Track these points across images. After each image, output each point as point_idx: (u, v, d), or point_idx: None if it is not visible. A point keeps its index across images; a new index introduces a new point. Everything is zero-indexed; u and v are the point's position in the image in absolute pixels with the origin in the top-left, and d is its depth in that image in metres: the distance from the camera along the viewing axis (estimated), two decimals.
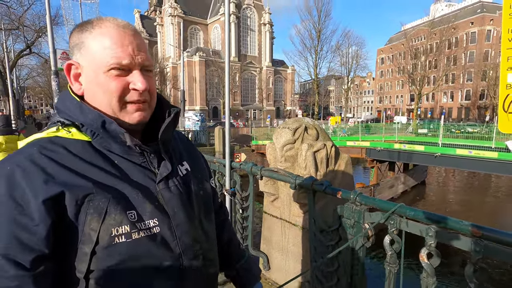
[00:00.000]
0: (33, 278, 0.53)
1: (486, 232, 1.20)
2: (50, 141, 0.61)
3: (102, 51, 0.62)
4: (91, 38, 0.63)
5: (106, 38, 0.63)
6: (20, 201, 0.54)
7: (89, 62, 0.64)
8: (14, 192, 0.54)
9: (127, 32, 0.64)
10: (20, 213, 0.54)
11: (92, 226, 0.57)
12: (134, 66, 0.64)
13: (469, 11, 52.66)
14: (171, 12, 57.28)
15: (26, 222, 0.54)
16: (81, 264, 0.58)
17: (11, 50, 22.00)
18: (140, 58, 0.65)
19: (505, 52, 1.13)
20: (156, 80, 27.91)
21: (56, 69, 8.95)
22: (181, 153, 0.80)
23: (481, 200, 17.21)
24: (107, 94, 0.63)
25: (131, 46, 0.64)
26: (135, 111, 0.66)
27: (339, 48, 51.50)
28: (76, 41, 0.65)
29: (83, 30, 0.64)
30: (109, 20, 0.65)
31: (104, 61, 0.62)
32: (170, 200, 0.68)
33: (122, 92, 0.64)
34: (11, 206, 0.53)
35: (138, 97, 0.65)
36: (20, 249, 0.53)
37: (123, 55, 0.63)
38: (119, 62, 0.62)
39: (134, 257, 0.60)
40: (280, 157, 2.43)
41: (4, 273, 0.52)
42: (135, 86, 0.64)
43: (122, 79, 0.64)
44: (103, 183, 0.60)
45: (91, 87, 0.65)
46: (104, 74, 0.63)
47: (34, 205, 0.54)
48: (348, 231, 1.72)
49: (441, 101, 56.36)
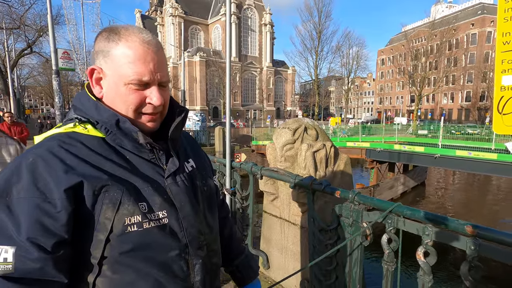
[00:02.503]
0: (54, 260, 0.57)
1: (481, 231, 1.22)
2: (68, 136, 0.65)
3: (125, 64, 0.66)
4: (116, 49, 0.67)
5: (130, 52, 0.66)
6: (43, 189, 0.58)
7: (112, 72, 0.67)
8: (38, 181, 0.58)
9: (151, 49, 0.68)
10: (44, 201, 0.57)
11: (107, 215, 0.61)
12: (152, 82, 0.69)
13: (470, 13, 52.66)
14: (172, 12, 57.32)
15: (49, 209, 0.57)
16: (95, 250, 0.62)
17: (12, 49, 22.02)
18: (159, 75, 0.69)
19: (499, 55, 1.16)
20: None
21: (57, 68, 8.97)
22: (187, 151, 0.84)
23: (480, 201, 17.22)
24: (125, 105, 0.68)
25: (152, 63, 0.67)
26: (148, 121, 0.71)
27: (340, 49, 51.61)
28: (102, 48, 0.68)
29: (110, 39, 0.67)
30: (135, 34, 0.68)
31: (126, 75, 0.66)
32: (178, 194, 0.72)
33: (139, 105, 0.69)
34: (35, 194, 0.57)
35: (153, 110, 0.70)
36: (43, 233, 0.57)
37: (144, 71, 0.66)
38: (140, 78, 0.66)
39: (145, 245, 0.64)
40: (280, 157, 2.45)
41: (29, 254, 0.55)
42: (151, 101, 0.69)
43: (140, 93, 0.68)
44: (117, 176, 0.64)
45: (112, 94, 0.69)
46: (125, 86, 0.67)
47: (57, 194, 0.58)
48: (346, 230, 1.74)
49: (441, 102, 56.33)
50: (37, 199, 0.57)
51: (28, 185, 0.57)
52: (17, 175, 0.58)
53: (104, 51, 0.68)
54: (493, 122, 1.12)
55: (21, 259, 0.55)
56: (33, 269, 0.55)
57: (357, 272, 1.74)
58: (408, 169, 18.48)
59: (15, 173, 0.58)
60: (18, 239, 0.55)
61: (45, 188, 0.58)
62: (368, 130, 22.02)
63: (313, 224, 2.01)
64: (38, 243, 0.56)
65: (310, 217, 2.03)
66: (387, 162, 17.24)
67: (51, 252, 0.57)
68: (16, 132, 6.08)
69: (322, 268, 1.99)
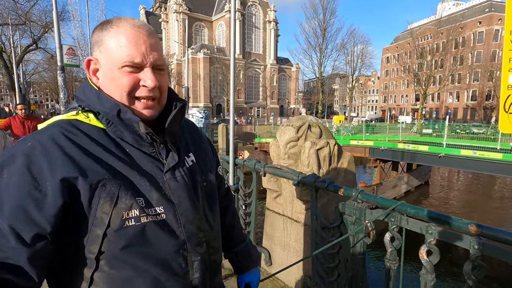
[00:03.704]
0: (29, 254, 0.55)
1: (485, 230, 1.21)
2: (70, 123, 0.65)
3: (117, 49, 0.66)
4: (108, 37, 0.67)
5: (122, 37, 0.67)
6: (36, 176, 0.56)
7: (106, 59, 0.68)
8: (31, 167, 0.56)
9: (142, 32, 0.68)
10: (34, 188, 0.56)
11: (104, 209, 0.61)
12: (145, 65, 0.68)
13: (477, 10, 51.91)
14: (176, 8, 57.24)
15: (38, 197, 0.55)
16: (92, 245, 0.61)
17: (18, 45, 22.16)
18: (152, 57, 0.68)
19: (507, 53, 1.15)
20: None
21: (62, 64, 8.99)
22: (188, 145, 0.83)
23: (485, 201, 17.09)
24: (119, 88, 0.68)
25: (144, 45, 0.67)
26: (144, 108, 0.70)
27: (344, 47, 51.31)
28: (97, 39, 0.69)
29: (103, 29, 0.69)
30: (126, 20, 0.69)
31: (118, 58, 0.66)
32: (176, 190, 0.71)
33: (132, 87, 0.68)
34: (26, 179, 0.56)
35: (147, 93, 0.69)
36: (26, 222, 0.55)
37: (136, 53, 0.66)
38: (132, 60, 0.66)
39: (143, 240, 0.64)
40: (284, 154, 2.45)
41: (6, 242, 0.54)
42: (145, 83, 0.68)
43: (134, 76, 0.67)
44: (115, 170, 0.64)
45: (106, 81, 0.69)
46: (118, 70, 0.67)
47: (50, 182, 0.56)
48: (349, 227, 1.74)
49: (447, 101, 55.79)
50: (28, 185, 0.55)
51: (21, 169, 0.56)
52: (12, 158, 0.57)
53: (98, 41, 0.69)
54: (499, 121, 1.11)
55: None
56: (7, 258, 0.53)
57: (359, 269, 1.74)
58: (412, 168, 18.37)
59: (11, 156, 0.57)
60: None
61: (38, 174, 0.56)
62: (372, 128, 21.88)
63: (315, 222, 2.02)
64: (18, 231, 0.54)
65: (312, 214, 2.04)
66: (391, 161, 17.15)
67: (29, 245, 0.55)
68: (31, 128, 5.12)
69: (324, 265, 1.99)
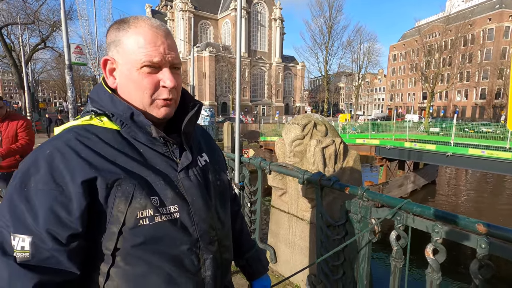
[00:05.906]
0: (68, 252, 0.60)
1: (493, 230, 1.21)
2: (84, 129, 0.67)
3: (136, 49, 0.67)
4: (126, 37, 0.69)
5: (140, 37, 0.68)
6: (60, 182, 0.60)
7: (124, 59, 0.69)
8: (55, 174, 0.60)
9: (160, 33, 0.69)
10: (60, 193, 0.59)
11: (120, 208, 0.63)
12: (164, 64, 0.70)
13: (487, 7, 50.93)
14: (181, 7, 57.41)
15: (65, 202, 0.59)
16: (109, 242, 0.64)
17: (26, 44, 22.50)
18: (170, 57, 0.70)
19: None
20: None
21: (70, 63, 9.09)
22: (201, 145, 0.84)
23: (493, 201, 16.83)
24: (140, 90, 0.69)
25: (162, 46, 0.69)
26: (162, 106, 0.71)
27: (351, 44, 50.96)
28: (113, 38, 0.70)
29: (120, 28, 0.70)
30: (144, 21, 0.70)
31: (137, 59, 0.67)
32: (190, 189, 0.72)
33: (154, 89, 0.69)
34: (52, 186, 0.59)
35: (167, 95, 0.70)
36: (59, 225, 0.59)
37: (155, 53, 0.68)
38: (151, 60, 0.67)
39: (156, 238, 0.66)
40: (289, 153, 2.46)
41: (45, 245, 0.58)
42: (165, 83, 0.69)
43: (154, 77, 0.69)
44: (130, 170, 0.65)
45: (125, 82, 0.71)
46: (137, 71, 0.68)
47: (72, 187, 0.60)
48: (354, 226, 1.75)
49: (455, 99, 54.97)
50: (54, 191, 0.59)
51: (46, 177, 0.59)
52: (35, 167, 0.60)
53: (116, 40, 0.69)
54: (507, 119, 1.10)
55: (37, 248, 0.57)
56: (48, 258, 0.58)
57: (365, 268, 1.74)
58: (418, 167, 18.17)
59: (33, 165, 0.60)
60: (35, 229, 0.57)
61: (61, 181, 0.59)
62: (378, 127, 21.69)
63: (321, 220, 2.02)
64: (54, 234, 0.58)
65: (318, 212, 2.04)
66: (397, 160, 16.98)
67: (65, 244, 0.59)
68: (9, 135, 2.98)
69: (329, 263, 2.00)
